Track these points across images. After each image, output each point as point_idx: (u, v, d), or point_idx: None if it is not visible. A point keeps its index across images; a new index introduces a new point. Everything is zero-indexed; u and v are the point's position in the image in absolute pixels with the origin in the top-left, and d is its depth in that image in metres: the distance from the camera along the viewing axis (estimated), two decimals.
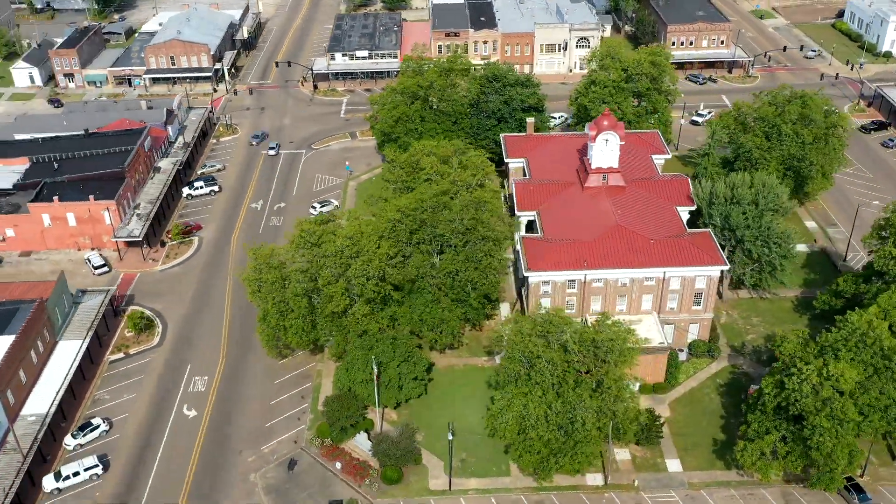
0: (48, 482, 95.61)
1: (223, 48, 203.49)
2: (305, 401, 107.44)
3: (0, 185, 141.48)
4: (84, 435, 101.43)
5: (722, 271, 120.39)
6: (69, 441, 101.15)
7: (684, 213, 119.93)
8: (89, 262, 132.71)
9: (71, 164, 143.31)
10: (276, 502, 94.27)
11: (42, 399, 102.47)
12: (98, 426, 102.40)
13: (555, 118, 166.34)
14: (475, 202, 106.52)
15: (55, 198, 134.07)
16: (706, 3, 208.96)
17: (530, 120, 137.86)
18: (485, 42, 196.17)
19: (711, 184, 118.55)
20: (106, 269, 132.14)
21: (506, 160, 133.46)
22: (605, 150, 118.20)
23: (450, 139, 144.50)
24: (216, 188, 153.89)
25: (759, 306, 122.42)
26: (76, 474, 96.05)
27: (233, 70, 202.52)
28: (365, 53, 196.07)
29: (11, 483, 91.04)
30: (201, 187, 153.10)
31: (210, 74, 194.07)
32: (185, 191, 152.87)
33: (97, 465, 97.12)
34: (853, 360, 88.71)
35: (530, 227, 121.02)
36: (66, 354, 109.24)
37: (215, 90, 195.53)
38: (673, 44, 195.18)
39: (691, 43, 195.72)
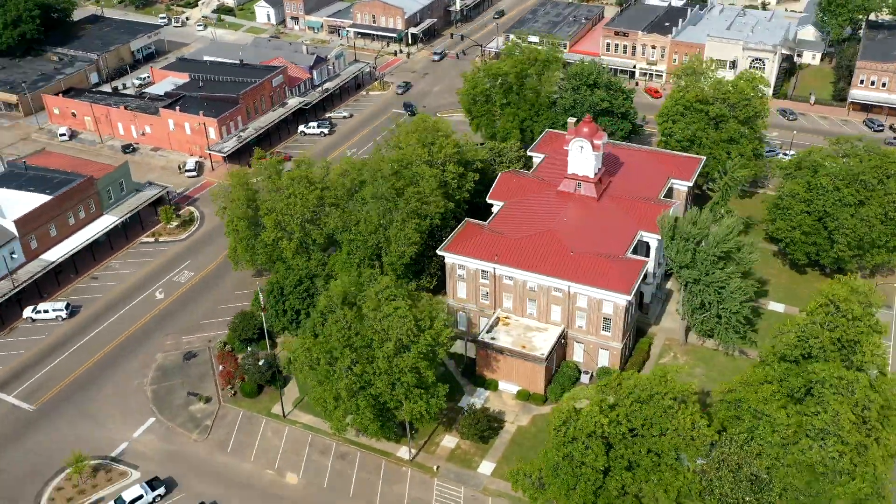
0: (27, 312, 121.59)
1: (424, 15, 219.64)
2: None
3: (158, 91, 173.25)
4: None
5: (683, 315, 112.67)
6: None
7: (653, 239, 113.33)
8: (185, 164, 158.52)
9: (211, 85, 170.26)
10: (155, 379, 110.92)
11: (61, 251, 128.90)
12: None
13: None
14: (410, 175, 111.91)
15: (177, 108, 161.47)
16: None
17: (571, 119, 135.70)
18: (653, 46, 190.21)
19: (673, 214, 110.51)
20: (194, 173, 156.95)
21: (528, 153, 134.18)
22: (579, 157, 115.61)
23: (531, 128, 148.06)
24: (326, 131, 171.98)
25: (716, 361, 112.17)
26: (46, 311, 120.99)
27: (422, 36, 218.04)
28: (535, 39, 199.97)
29: None
30: (314, 128, 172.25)
31: (394, 35, 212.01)
32: (301, 128, 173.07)
33: (62, 311, 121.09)
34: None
35: None
36: (102, 226, 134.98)
37: (401, 51, 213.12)
38: (861, 82, 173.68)
39: (884, 84, 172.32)
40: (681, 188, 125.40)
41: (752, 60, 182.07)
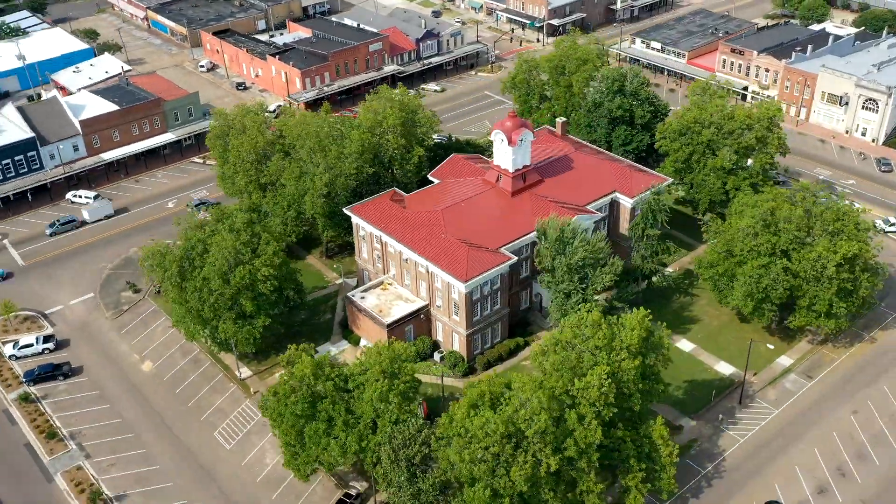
0: (68, 195, 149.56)
1: (574, 9, 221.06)
2: None
3: (281, 41, 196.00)
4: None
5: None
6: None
7: None
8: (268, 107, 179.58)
9: (321, 42, 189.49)
10: (117, 266, 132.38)
11: (120, 153, 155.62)
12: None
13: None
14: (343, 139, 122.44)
15: (277, 56, 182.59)
16: None
17: (560, 120, 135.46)
18: (766, 70, 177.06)
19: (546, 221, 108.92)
20: (272, 115, 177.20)
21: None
22: (500, 149, 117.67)
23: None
24: None
25: None
26: (80, 197, 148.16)
27: (561, 29, 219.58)
28: (658, 46, 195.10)
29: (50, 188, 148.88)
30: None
31: (526, 22, 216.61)
32: None
33: (91, 199, 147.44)
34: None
35: None
36: (160, 140, 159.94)
37: (538, 39, 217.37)
38: None
39: None
40: (625, 204, 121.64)
41: (866, 100, 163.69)
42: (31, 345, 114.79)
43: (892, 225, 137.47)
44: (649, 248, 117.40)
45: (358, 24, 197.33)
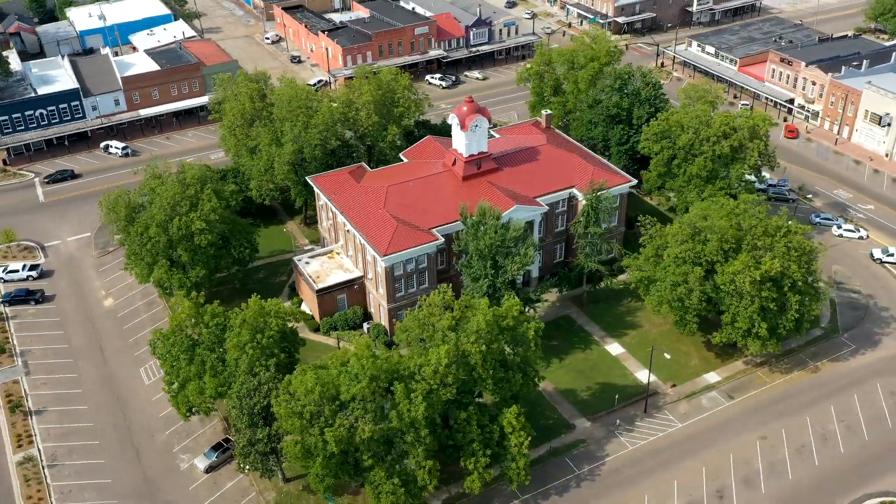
0: (102, 144, 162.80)
1: (644, 7, 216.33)
2: None
3: (341, 18, 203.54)
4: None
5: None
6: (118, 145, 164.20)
7: None
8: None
9: (374, 22, 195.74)
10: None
11: (156, 110, 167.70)
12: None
13: None
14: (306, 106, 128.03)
15: (326, 33, 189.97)
16: None
17: (545, 112, 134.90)
18: (812, 82, 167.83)
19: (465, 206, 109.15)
20: (315, 87, 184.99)
21: (494, 132, 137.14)
22: (455, 133, 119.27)
23: (574, 120, 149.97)
24: (445, 84, 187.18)
25: None
26: (111, 147, 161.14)
27: (625, 27, 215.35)
28: (712, 50, 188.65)
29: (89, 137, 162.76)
30: (437, 79, 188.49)
31: (588, 17, 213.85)
32: (427, 77, 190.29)
33: (119, 150, 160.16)
34: None
35: None
36: (195, 103, 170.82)
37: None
38: None
39: None
40: (582, 200, 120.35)
41: None
42: (17, 271, 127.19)
43: (891, 255, 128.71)
44: (592, 247, 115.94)
45: (412, 8, 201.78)
